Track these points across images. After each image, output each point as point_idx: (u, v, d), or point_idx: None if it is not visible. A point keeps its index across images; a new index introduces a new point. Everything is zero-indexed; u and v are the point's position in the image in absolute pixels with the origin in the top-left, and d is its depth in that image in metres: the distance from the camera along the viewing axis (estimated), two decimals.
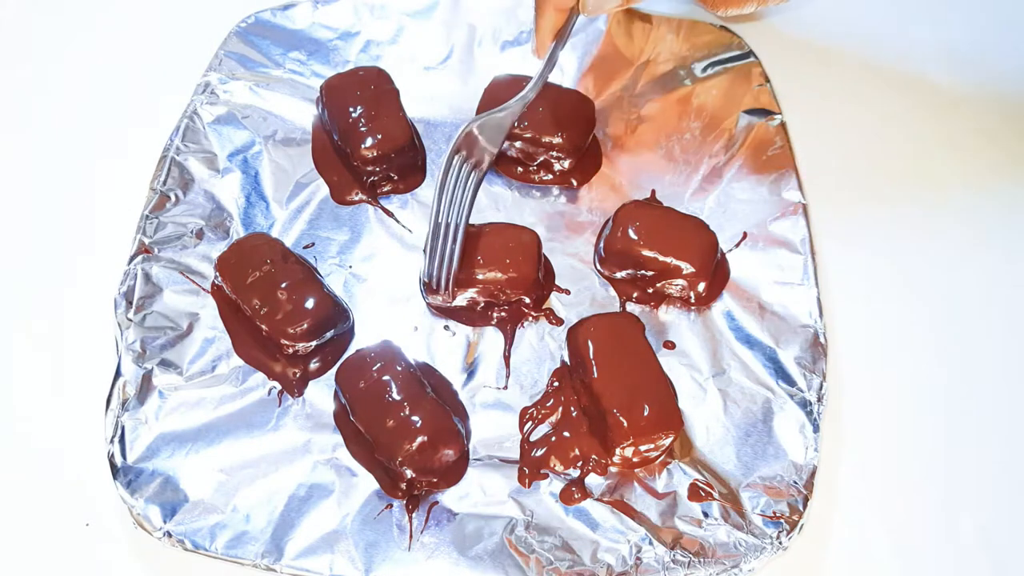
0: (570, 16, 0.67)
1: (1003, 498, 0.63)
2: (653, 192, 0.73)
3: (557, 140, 0.71)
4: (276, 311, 0.63)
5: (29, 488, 0.62)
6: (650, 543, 0.58)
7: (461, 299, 0.66)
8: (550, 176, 0.74)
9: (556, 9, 0.65)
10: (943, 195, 0.75)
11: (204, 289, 0.67)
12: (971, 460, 0.64)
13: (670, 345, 0.67)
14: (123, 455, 0.60)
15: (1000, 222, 0.75)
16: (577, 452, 0.62)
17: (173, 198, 0.70)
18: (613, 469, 0.61)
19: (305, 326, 0.63)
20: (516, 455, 0.62)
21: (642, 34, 0.80)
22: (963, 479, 0.63)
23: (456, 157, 0.65)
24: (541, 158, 0.72)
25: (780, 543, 0.58)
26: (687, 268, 0.66)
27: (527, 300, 0.67)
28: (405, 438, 0.58)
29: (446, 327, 0.67)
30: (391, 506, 0.60)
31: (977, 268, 0.72)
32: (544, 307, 0.68)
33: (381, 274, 0.69)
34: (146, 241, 0.68)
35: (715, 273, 0.67)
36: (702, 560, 0.58)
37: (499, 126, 0.66)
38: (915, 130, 0.79)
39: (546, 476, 0.61)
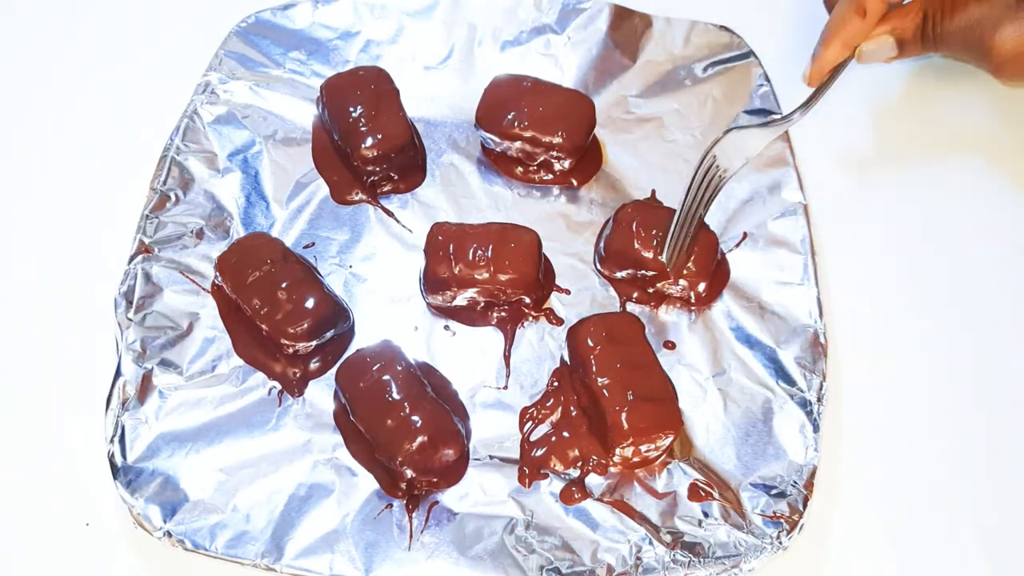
0: (850, 56, 0.67)
1: (1003, 498, 0.63)
2: (653, 192, 0.73)
3: (557, 140, 0.71)
4: (276, 311, 0.63)
5: (29, 488, 0.62)
6: (650, 543, 0.58)
7: (461, 299, 0.66)
8: (550, 176, 0.74)
9: (844, 45, 0.66)
10: (944, 194, 0.75)
11: (204, 289, 0.67)
12: (971, 460, 0.64)
13: (670, 345, 0.67)
14: (123, 455, 0.60)
15: (1002, 221, 0.75)
16: (577, 452, 0.62)
17: (173, 198, 0.70)
18: (613, 469, 0.61)
19: (305, 326, 0.62)
20: (516, 455, 0.62)
21: (642, 34, 0.80)
22: (963, 479, 0.63)
23: (712, 155, 0.63)
24: (541, 158, 0.72)
25: (780, 543, 0.58)
26: (687, 268, 0.66)
27: (527, 300, 0.67)
28: (405, 438, 0.58)
29: (446, 327, 0.67)
30: (391, 506, 0.60)
31: (978, 267, 0.72)
32: (544, 307, 0.68)
33: (381, 274, 0.69)
34: (146, 241, 0.68)
35: (715, 273, 0.67)
36: (702, 560, 0.58)
37: (751, 141, 0.64)
38: (916, 129, 0.79)
39: (546, 476, 0.61)
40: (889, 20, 0.67)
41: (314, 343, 0.64)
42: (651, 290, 0.68)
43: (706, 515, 0.60)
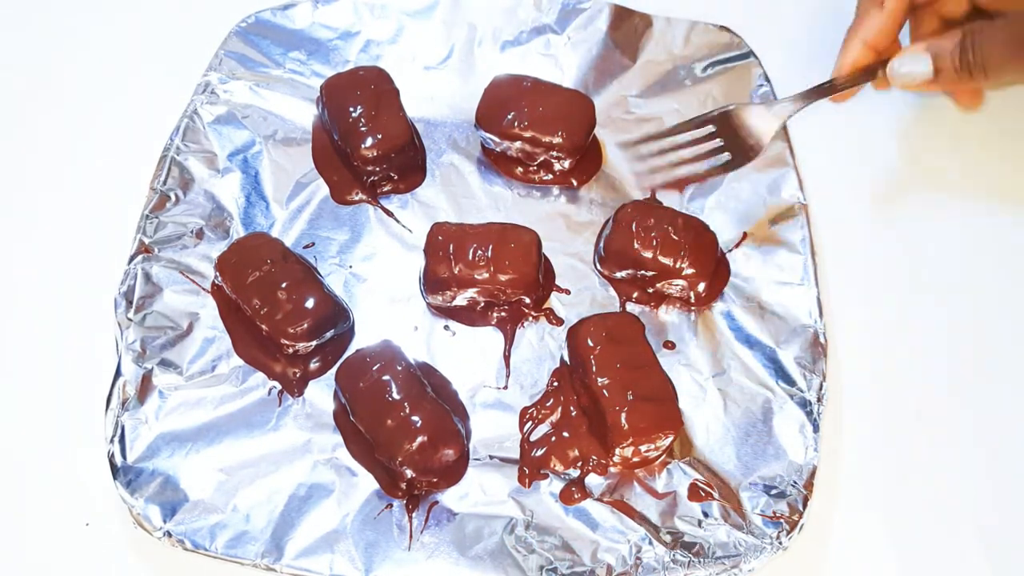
0: (878, 64, 0.63)
1: (1003, 498, 0.63)
2: (653, 192, 0.73)
3: (557, 140, 0.71)
4: (276, 311, 0.63)
5: (29, 488, 0.62)
6: (650, 543, 0.58)
7: (461, 299, 0.66)
8: (550, 176, 0.74)
9: (864, 43, 0.63)
10: (944, 194, 0.75)
11: (204, 289, 0.67)
12: (971, 460, 0.64)
13: (670, 345, 0.67)
14: (123, 455, 0.60)
15: (1001, 222, 0.75)
16: (577, 452, 0.62)
17: (173, 198, 0.70)
18: (613, 469, 0.61)
19: (305, 326, 0.62)
20: (516, 455, 0.62)
21: (642, 34, 0.80)
22: (963, 479, 0.63)
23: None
24: (541, 158, 0.72)
25: (780, 543, 0.58)
26: (687, 268, 0.66)
27: (527, 300, 0.67)
28: (405, 438, 0.58)
29: (446, 327, 0.67)
30: (391, 506, 0.60)
31: (977, 268, 0.72)
32: (544, 307, 0.68)
33: (381, 274, 0.69)
34: (146, 241, 0.68)
35: (715, 273, 0.67)
36: (702, 560, 0.58)
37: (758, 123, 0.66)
38: (915, 129, 0.79)
39: (546, 476, 0.61)
40: (925, 39, 0.62)
41: (314, 343, 0.64)
42: (651, 290, 0.68)
43: (706, 515, 0.60)
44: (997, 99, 0.80)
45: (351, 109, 0.71)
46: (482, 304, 0.67)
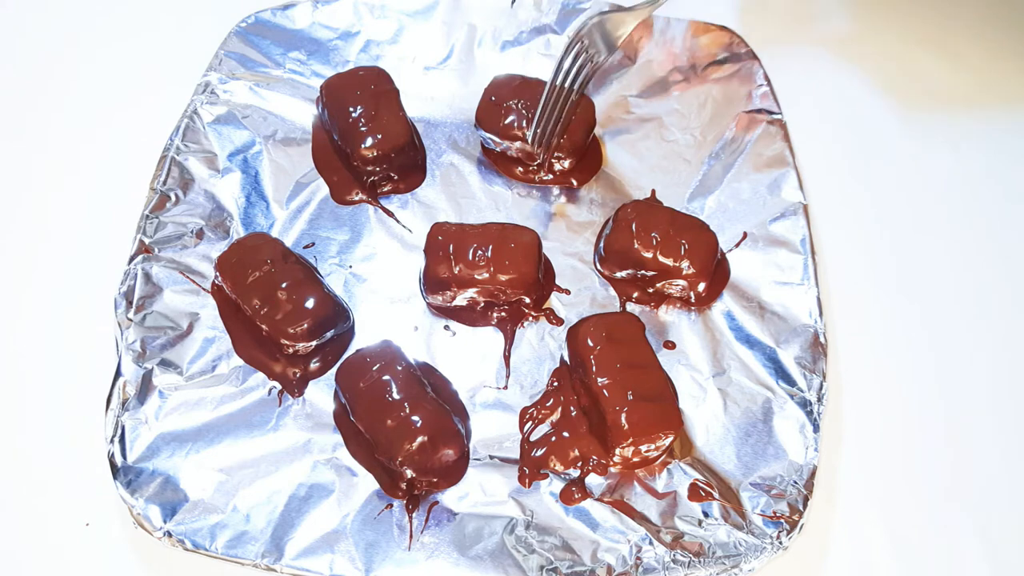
0: None
1: (1003, 498, 0.63)
2: (653, 192, 0.73)
3: (557, 140, 0.71)
4: (276, 311, 0.63)
5: (29, 488, 0.62)
6: (650, 543, 0.58)
7: (461, 299, 0.66)
8: (550, 176, 0.74)
9: None
10: (943, 195, 0.76)
11: (204, 289, 0.67)
12: (971, 460, 0.64)
13: (670, 345, 0.67)
14: (123, 455, 0.60)
15: (1001, 221, 0.75)
16: (577, 452, 0.62)
17: (173, 198, 0.70)
18: (613, 469, 0.61)
19: (305, 326, 0.62)
20: (516, 455, 0.62)
21: (642, 34, 0.80)
22: (963, 479, 0.63)
23: (578, 44, 0.70)
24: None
25: (780, 543, 0.58)
26: (687, 268, 0.66)
27: (527, 300, 0.67)
28: (405, 438, 0.58)
29: (446, 327, 0.67)
30: (391, 506, 0.60)
31: (977, 268, 0.72)
32: (544, 307, 0.68)
33: (381, 274, 0.69)
34: (146, 241, 0.68)
35: (715, 273, 0.67)
36: (702, 560, 0.58)
37: (622, 22, 0.71)
38: (915, 129, 0.79)
39: (546, 476, 0.61)
40: None
41: (314, 343, 0.64)
42: (651, 290, 0.68)
43: (706, 515, 0.60)
44: (997, 98, 0.81)
45: (351, 109, 0.71)
46: (482, 304, 0.67)
